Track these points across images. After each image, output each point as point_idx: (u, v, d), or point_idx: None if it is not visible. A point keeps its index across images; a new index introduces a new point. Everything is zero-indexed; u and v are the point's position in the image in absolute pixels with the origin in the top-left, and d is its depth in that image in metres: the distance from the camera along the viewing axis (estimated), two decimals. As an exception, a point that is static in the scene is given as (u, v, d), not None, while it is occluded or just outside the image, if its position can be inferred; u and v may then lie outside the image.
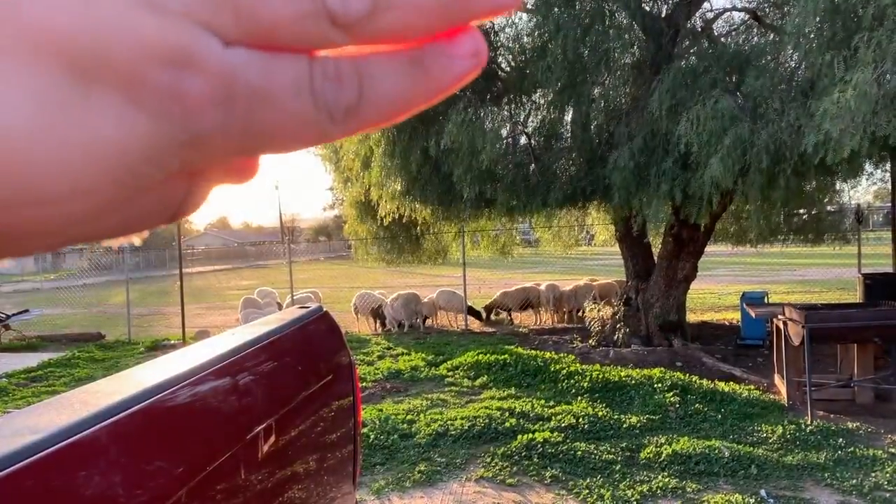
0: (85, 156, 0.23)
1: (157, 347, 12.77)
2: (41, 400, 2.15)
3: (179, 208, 0.28)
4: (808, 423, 6.69)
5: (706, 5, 10.63)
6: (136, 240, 0.29)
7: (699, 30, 10.35)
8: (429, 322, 14.57)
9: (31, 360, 11.93)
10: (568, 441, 6.42)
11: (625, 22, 9.73)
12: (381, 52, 0.26)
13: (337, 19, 0.24)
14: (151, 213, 0.27)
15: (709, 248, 11.97)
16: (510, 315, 15.09)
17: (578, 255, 25.11)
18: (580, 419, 6.97)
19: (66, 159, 0.23)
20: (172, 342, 13.15)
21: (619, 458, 6.07)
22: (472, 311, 14.65)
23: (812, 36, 7.57)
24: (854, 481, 5.44)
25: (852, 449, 6.04)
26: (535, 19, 10.18)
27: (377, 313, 14.42)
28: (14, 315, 15.05)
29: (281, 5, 0.23)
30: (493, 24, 10.79)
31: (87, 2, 0.22)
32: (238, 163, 0.29)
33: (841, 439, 6.28)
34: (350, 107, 0.25)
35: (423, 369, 9.65)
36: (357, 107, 0.25)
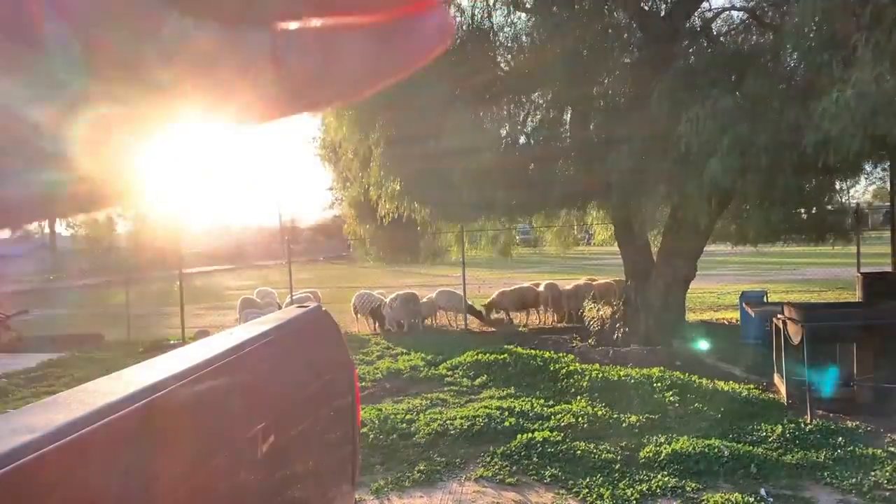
0: None
1: (157, 348, 12.77)
2: (40, 400, 2.14)
3: None
4: (808, 422, 6.69)
5: (705, 5, 10.63)
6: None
7: (698, 29, 10.34)
8: (428, 322, 14.57)
9: (31, 360, 11.93)
10: (567, 440, 6.42)
11: (624, 21, 9.73)
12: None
13: None
14: None
15: (708, 248, 11.97)
16: (509, 315, 15.09)
17: (578, 255, 25.11)
18: (580, 418, 6.97)
19: None
20: (172, 342, 13.14)
21: (619, 458, 6.07)
22: (472, 311, 14.65)
23: (811, 35, 7.57)
24: (854, 480, 5.44)
25: (852, 448, 6.04)
26: (533, 19, 10.18)
27: (376, 313, 14.42)
28: (13, 315, 15.04)
29: None
30: (493, 24, 10.79)
31: None
32: None
33: (840, 438, 6.28)
34: None
35: (422, 369, 9.65)
36: None
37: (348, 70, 0.25)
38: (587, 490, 5.47)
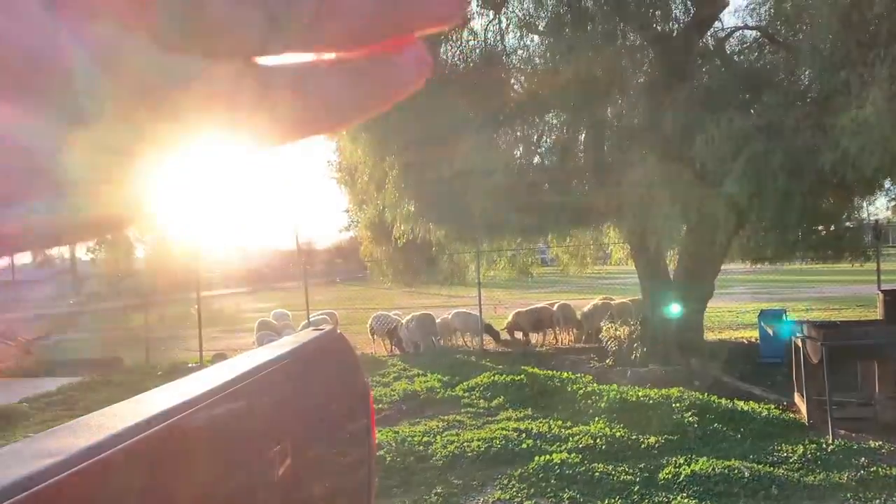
0: None
1: (175, 371, 12.83)
2: (60, 424, 2.17)
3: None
4: (830, 442, 6.60)
5: (718, 24, 10.65)
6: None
7: (711, 49, 10.36)
8: (444, 343, 14.55)
9: (51, 384, 12.02)
10: (585, 462, 6.37)
11: (637, 42, 9.76)
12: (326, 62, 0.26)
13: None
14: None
15: (725, 266, 11.89)
16: (526, 335, 15.04)
17: (595, 275, 25.00)
18: (598, 440, 6.91)
19: None
20: (190, 365, 13.20)
21: (638, 479, 6.01)
22: (490, 331, 14.65)
23: (826, 53, 7.56)
24: (877, 502, 5.35)
25: (875, 468, 5.94)
26: (547, 41, 10.24)
27: (393, 334, 14.43)
28: (34, 340, 15.18)
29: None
30: (506, 47, 10.87)
31: None
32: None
33: (863, 459, 6.18)
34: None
35: (439, 390, 9.62)
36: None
37: (332, 103, 0.26)
38: (606, 512, 5.42)
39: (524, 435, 7.16)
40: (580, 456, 6.52)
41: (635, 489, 5.82)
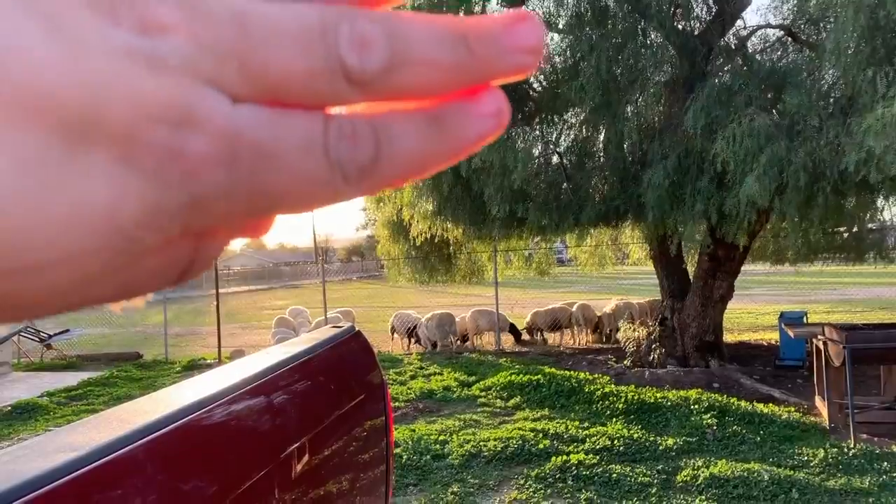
0: (71, 220, 0.21)
1: (194, 367, 12.92)
2: (81, 418, 2.18)
3: (185, 270, 0.26)
4: (851, 446, 6.51)
5: (739, 23, 10.55)
6: (140, 302, 0.27)
7: (733, 47, 10.26)
8: (470, 342, 14.56)
9: (72, 379, 12.16)
10: (603, 463, 6.34)
11: (658, 41, 9.69)
12: (399, 109, 0.24)
13: (352, 76, 0.22)
14: (154, 275, 0.25)
15: (746, 267, 11.78)
16: (543, 335, 15.01)
17: (613, 275, 24.90)
18: (615, 441, 6.88)
19: (49, 225, 0.21)
20: (208, 361, 13.29)
21: (656, 481, 5.97)
22: (513, 330, 14.68)
23: (851, 52, 7.46)
24: (900, 507, 5.28)
25: (898, 474, 5.86)
26: (567, 39, 10.20)
27: (412, 332, 14.47)
28: (55, 335, 15.37)
29: (292, 60, 0.22)
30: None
31: (75, 57, 0.20)
32: (248, 222, 0.26)
33: (886, 463, 6.10)
34: (365, 167, 0.23)
35: (455, 389, 9.61)
36: (373, 167, 0.24)
37: (398, 157, 0.24)
38: (623, 514, 5.38)
39: (541, 435, 7.14)
40: (597, 457, 6.49)
41: (653, 491, 5.78)
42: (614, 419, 7.73)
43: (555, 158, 11.01)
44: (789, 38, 10.29)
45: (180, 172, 0.22)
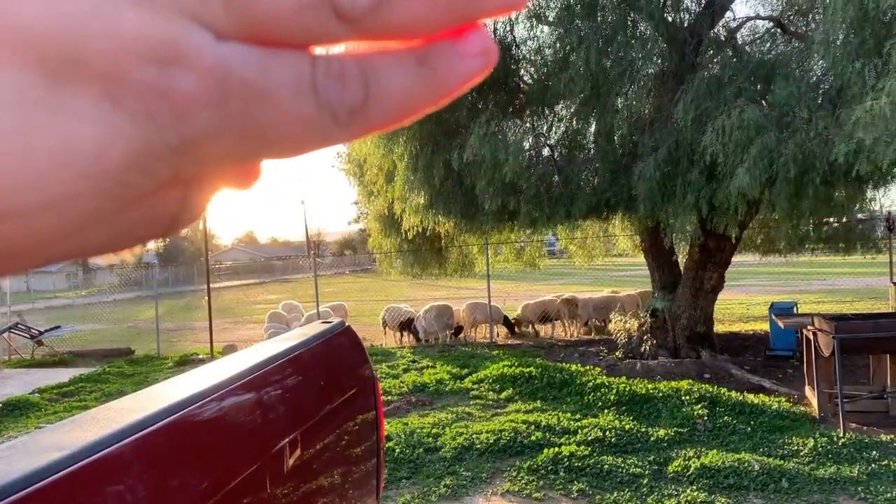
0: (56, 162, 0.20)
1: (186, 362, 12.90)
2: (72, 415, 2.18)
3: (175, 219, 0.25)
4: (841, 435, 6.56)
5: (729, 14, 10.55)
6: (129, 256, 0.27)
7: (723, 39, 10.27)
8: (466, 335, 14.59)
9: (63, 375, 12.12)
10: (595, 454, 6.37)
11: (648, 32, 9.69)
12: (387, 50, 0.24)
13: (342, 12, 0.22)
14: (143, 225, 0.25)
15: (736, 258, 11.83)
16: (534, 328, 15.06)
17: (604, 266, 24.96)
18: (607, 432, 6.91)
19: (34, 167, 0.20)
20: (201, 357, 13.27)
21: (647, 472, 6.00)
22: (507, 322, 14.74)
23: (840, 44, 7.48)
24: (889, 495, 5.32)
25: (886, 462, 5.91)
26: (557, 31, 10.19)
27: (405, 326, 14.47)
28: (46, 331, 15.31)
29: None
30: (515, 38, 10.82)
31: None
32: (237, 168, 0.26)
33: (875, 452, 6.15)
34: (355, 107, 0.23)
35: (448, 382, 9.63)
36: (362, 107, 0.23)
37: (387, 97, 0.24)
38: (615, 505, 5.42)
39: (533, 427, 7.17)
40: (589, 448, 6.52)
41: (644, 482, 5.82)
42: (606, 410, 7.77)
43: (545, 151, 11.00)
44: (778, 30, 10.31)
45: (169, 113, 0.21)
